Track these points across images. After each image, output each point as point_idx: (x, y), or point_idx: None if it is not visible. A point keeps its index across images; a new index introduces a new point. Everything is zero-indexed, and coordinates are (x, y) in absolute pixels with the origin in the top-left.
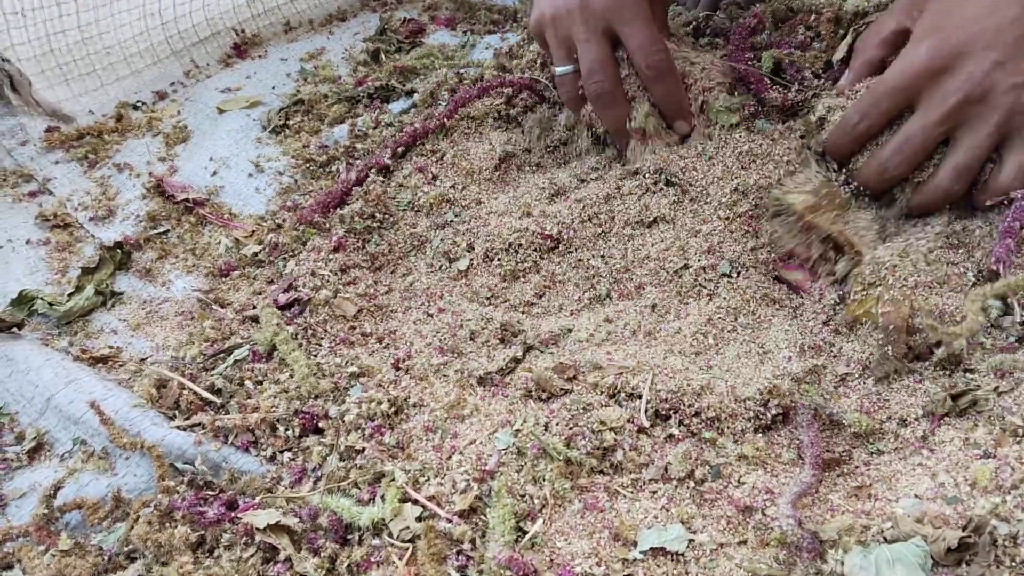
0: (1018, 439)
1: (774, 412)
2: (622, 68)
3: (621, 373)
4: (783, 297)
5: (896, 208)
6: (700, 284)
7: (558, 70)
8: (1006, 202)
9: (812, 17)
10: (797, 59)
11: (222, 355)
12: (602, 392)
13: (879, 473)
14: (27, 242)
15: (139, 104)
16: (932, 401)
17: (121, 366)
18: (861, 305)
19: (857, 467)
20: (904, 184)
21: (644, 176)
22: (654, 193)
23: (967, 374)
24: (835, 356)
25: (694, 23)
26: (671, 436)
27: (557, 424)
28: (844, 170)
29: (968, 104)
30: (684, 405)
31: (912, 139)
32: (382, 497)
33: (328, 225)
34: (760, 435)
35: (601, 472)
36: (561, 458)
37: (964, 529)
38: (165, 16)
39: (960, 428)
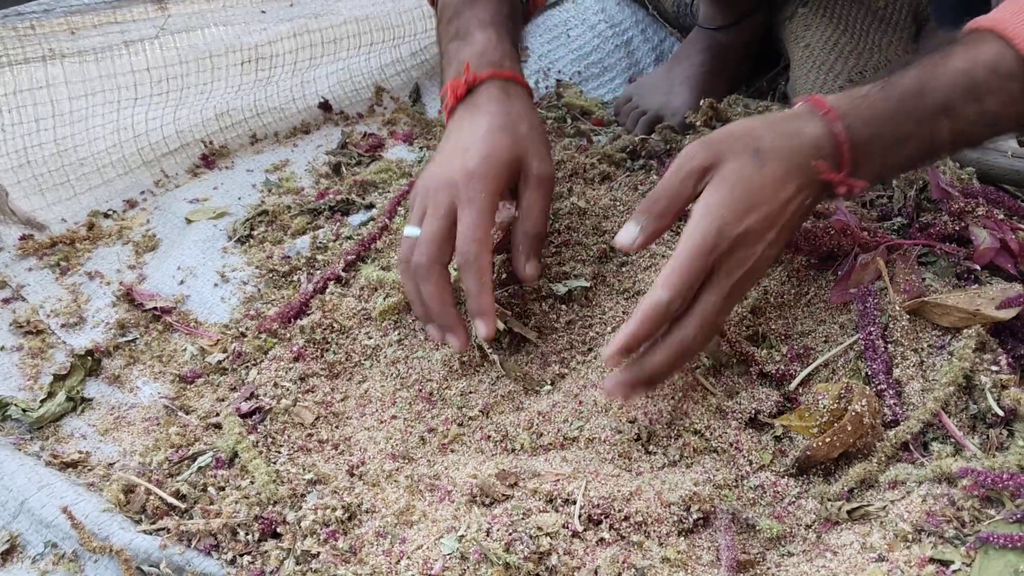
0: (908, 544)
1: (696, 516)
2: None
3: (558, 480)
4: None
5: None
6: None
7: (405, 230)
8: None
9: None
10: None
11: (187, 461)
12: (540, 498)
13: (787, 575)
14: (1, 348)
15: (110, 212)
16: (828, 511)
17: (90, 470)
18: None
19: (769, 568)
20: None
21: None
22: None
23: (867, 491)
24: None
25: (631, 146)
26: (602, 540)
27: (498, 529)
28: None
29: (747, 275)
30: (615, 510)
31: (710, 316)
32: None
33: (288, 335)
34: (683, 538)
35: (537, 575)
36: (500, 563)
37: None
38: (137, 129)
39: (859, 533)
